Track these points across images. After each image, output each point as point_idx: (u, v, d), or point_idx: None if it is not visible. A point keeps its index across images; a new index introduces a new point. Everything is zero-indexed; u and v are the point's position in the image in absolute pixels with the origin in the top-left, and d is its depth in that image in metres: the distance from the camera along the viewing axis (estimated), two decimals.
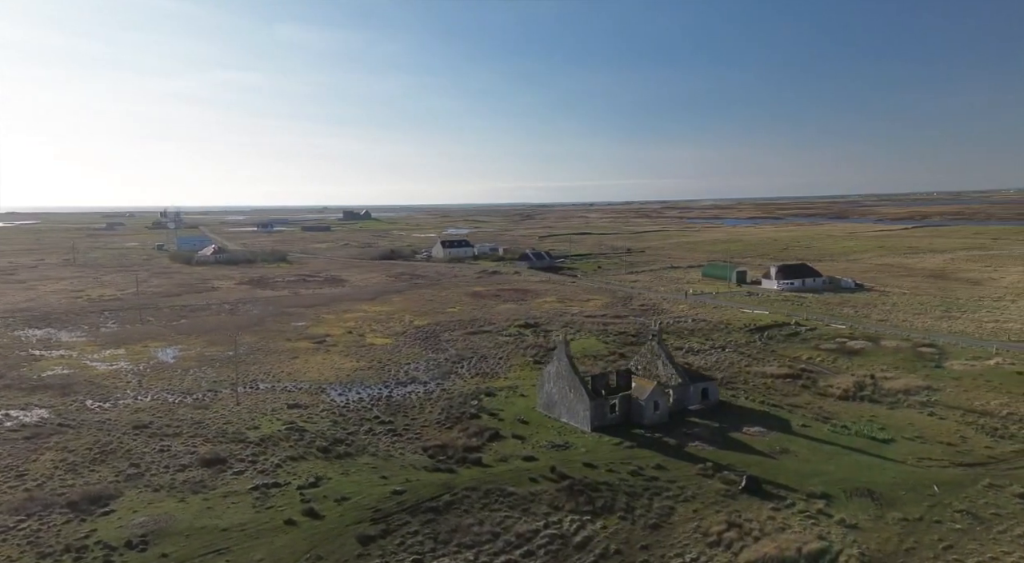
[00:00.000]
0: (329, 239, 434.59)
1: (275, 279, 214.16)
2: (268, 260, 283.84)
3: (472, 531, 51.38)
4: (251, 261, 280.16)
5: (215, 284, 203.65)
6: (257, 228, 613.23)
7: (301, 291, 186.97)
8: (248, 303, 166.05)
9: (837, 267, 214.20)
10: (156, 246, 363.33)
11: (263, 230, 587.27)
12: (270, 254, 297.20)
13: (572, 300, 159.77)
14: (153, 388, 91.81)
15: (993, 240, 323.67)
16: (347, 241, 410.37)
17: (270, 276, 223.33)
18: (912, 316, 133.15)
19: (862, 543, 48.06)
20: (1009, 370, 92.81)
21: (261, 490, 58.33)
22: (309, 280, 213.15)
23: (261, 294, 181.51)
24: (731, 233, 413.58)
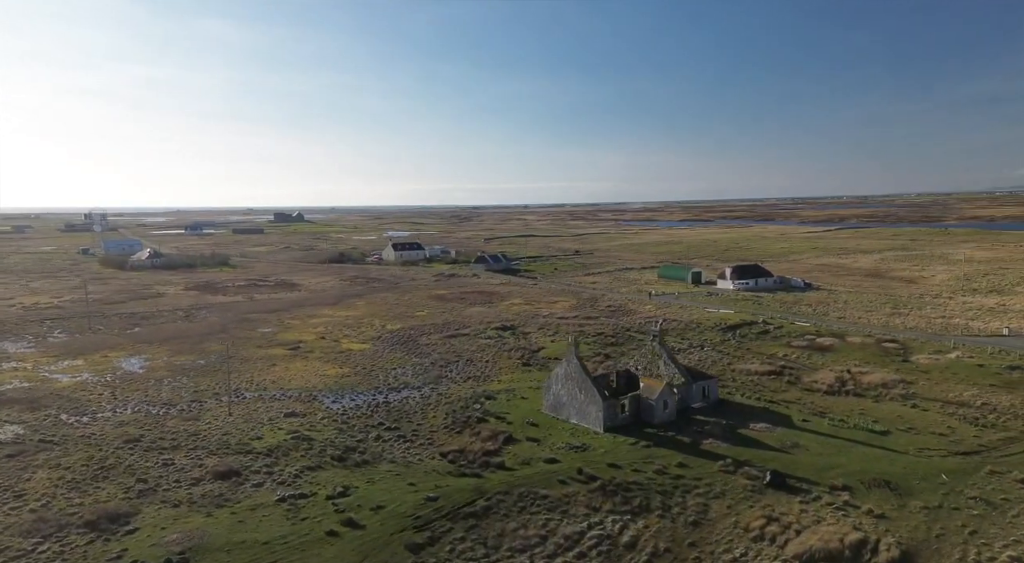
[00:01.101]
0: (266, 242, 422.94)
1: (223, 284, 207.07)
2: (209, 264, 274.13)
3: (519, 535, 51.36)
4: (191, 265, 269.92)
5: (159, 290, 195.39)
6: (185, 230, 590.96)
7: (256, 296, 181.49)
8: (203, 309, 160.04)
9: (780, 267, 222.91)
10: (81, 250, 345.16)
11: (192, 232, 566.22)
12: (210, 258, 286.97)
13: (539, 302, 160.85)
14: (130, 400, 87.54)
15: (911, 241, 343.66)
16: (286, 244, 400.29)
17: (216, 281, 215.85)
18: (865, 313, 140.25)
19: (894, 532, 50.54)
20: (970, 363, 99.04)
21: (289, 501, 56.67)
22: (260, 285, 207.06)
23: (213, 300, 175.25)
24: (670, 235, 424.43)
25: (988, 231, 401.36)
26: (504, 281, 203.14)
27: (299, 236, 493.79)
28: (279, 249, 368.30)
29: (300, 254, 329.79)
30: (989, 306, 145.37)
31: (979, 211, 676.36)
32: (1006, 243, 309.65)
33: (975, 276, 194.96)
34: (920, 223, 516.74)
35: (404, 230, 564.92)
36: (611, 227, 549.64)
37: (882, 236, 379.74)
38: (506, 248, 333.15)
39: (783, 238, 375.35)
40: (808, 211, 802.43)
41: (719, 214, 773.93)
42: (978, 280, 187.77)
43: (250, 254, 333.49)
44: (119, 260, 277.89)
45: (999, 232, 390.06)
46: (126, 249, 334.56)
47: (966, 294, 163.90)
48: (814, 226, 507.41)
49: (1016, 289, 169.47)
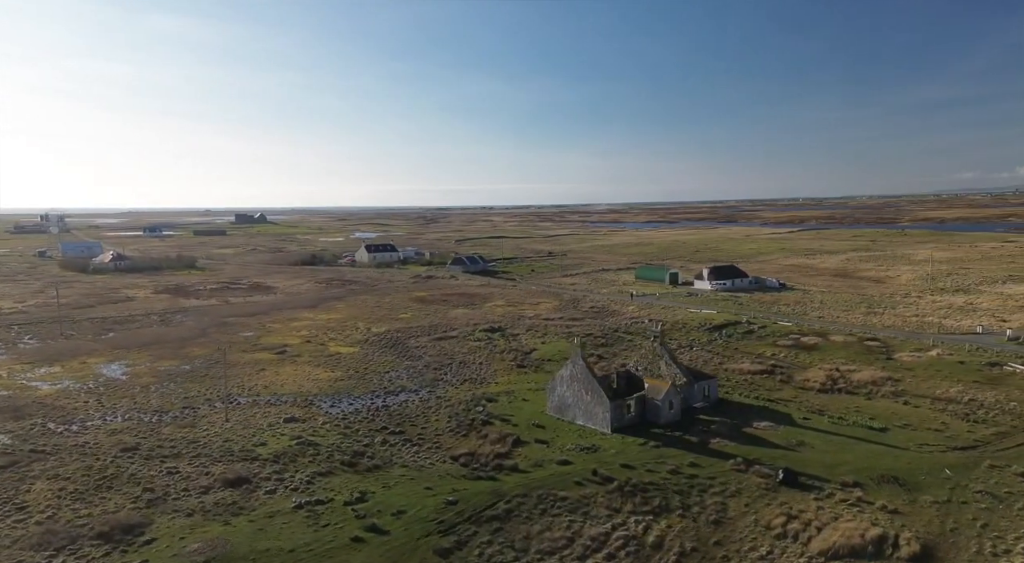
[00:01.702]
0: (231, 244, 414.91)
1: (194, 287, 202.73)
2: (175, 267, 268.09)
3: (545, 537, 51.38)
4: (157, 268, 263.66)
5: (128, 294, 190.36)
6: (143, 232, 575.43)
7: (231, 300, 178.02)
8: (177, 313, 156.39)
9: (752, 268, 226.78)
10: (37, 252, 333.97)
11: (152, 234, 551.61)
12: (176, 260, 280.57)
13: (522, 304, 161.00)
14: (119, 408, 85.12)
15: (872, 242, 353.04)
16: (252, 246, 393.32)
17: (187, 284, 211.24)
18: (842, 313, 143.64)
19: (910, 527, 51.83)
20: (950, 360, 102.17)
21: (307, 508, 55.76)
22: (233, 288, 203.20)
23: (187, 304, 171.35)
24: (640, 237, 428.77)
25: (942, 232, 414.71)
26: (483, 283, 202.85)
27: (264, 238, 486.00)
28: (246, 251, 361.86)
29: (269, 256, 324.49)
30: (958, 305, 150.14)
31: (930, 213, 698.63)
32: (961, 244, 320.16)
33: (939, 276, 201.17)
34: (876, 224, 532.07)
35: (371, 231, 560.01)
36: (580, 229, 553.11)
37: (843, 237, 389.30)
38: (478, 249, 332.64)
39: (749, 239, 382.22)
40: (768, 213, 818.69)
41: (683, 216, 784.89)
42: (942, 280, 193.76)
43: (216, 256, 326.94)
44: (81, 263, 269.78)
45: (952, 233, 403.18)
46: (85, 251, 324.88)
47: (934, 293, 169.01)
48: (776, 227, 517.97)
49: (980, 288, 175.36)
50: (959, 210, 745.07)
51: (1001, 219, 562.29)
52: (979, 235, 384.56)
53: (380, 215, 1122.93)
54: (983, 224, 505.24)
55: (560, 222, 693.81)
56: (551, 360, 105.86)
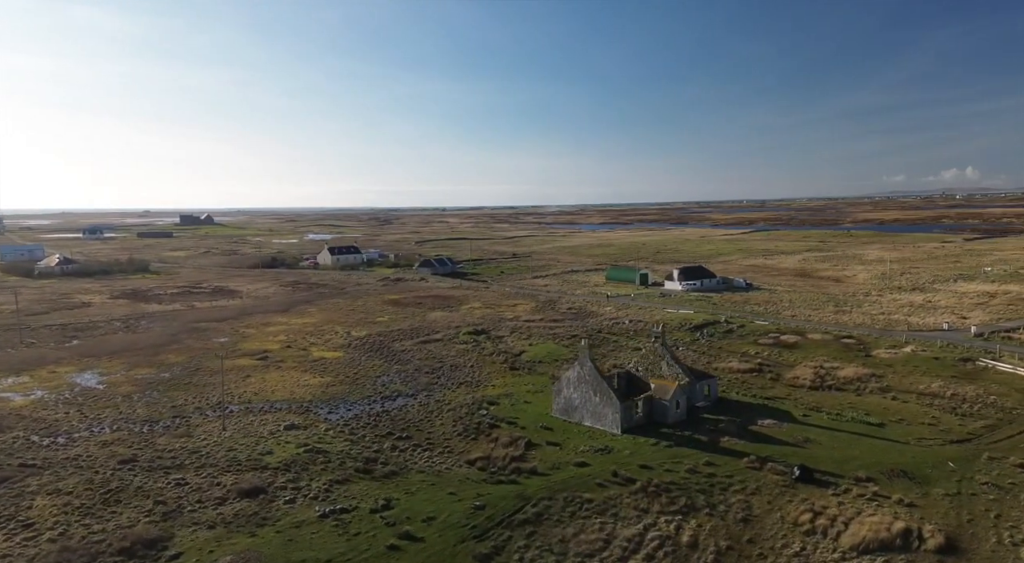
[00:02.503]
0: (181, 246, 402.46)
1: (154, 292, 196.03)
2: (127, 270, 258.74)
3: (581, 540, 51.39)
4: (107, 272, 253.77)
5: (83, 299, 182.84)
6: (84, 234, 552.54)
7: (196, 304, 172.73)
8: (142, 319, 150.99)
9: (715, 269, 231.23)
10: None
11: (92, 236, 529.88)
12: (128, 264, 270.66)
13: (499, 305, 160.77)
14: (104, 418, 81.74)
15: (821, 242, 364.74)
16: (205, 248, 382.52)
17: (144, 288, 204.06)
18: (813, 311, 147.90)
19: (929, 519, 53.64)
20: (925, 356, 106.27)
21: (333, 517, 54.58)
22: (195, 292, 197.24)
23: (149, 309, 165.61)
24: (599, 238, 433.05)
25: (884, 233, 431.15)
26: (455, 285, 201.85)
27: (215, 240, 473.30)
28: (199, 254, 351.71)
29: (225, 259, 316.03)
30: (918, 303, 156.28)
31: (868, 215, 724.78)
32: (905, 244, 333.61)
33: (893, 275, 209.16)
34: (821, 226, 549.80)
35: (325, 233, 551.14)
36: (537, 230, 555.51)
37: (793, 238, 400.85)
38: (440, 251, 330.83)
39: (705, 241, 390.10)
40: (717, 215, 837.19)
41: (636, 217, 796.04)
42: (897, 279, 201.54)
43: (169, 259, 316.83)
44: (24, 267, 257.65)
45: (893, 234, 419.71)
46: (27, 255, 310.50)
47: (892, 292, 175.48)
48: (728, 229, 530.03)
49: (935, 286, 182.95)
50: (894, 212, 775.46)
51: (935, 221, 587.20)
52: (919, 236, 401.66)
53: (329, 216, 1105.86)
54: (919, 225, 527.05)
55: (516, 223, 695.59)
56: (542, 362, 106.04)
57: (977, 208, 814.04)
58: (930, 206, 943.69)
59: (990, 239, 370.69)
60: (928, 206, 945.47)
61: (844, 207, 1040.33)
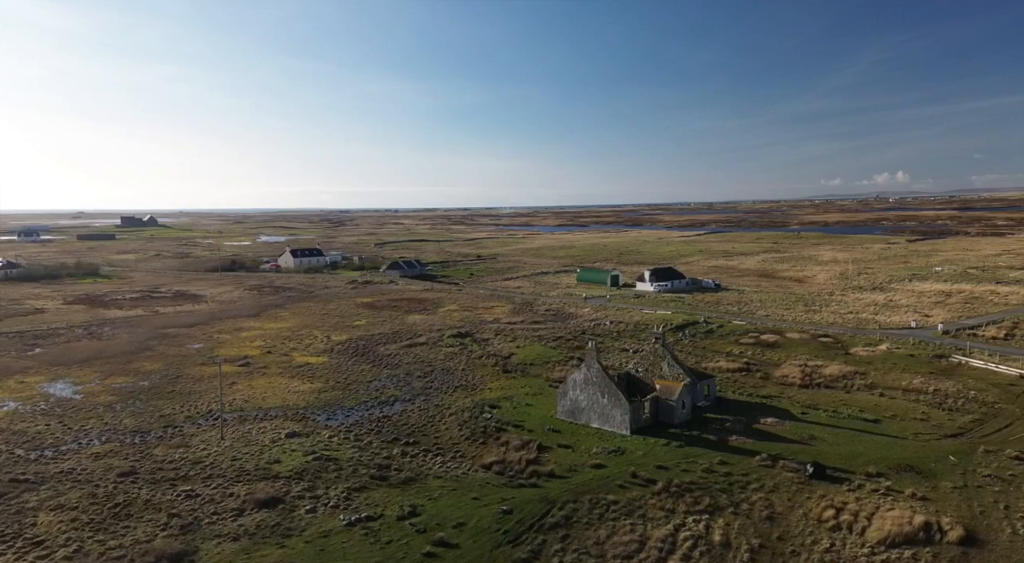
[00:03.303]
0: (127, 249, 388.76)
1: (110, 297, 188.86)
2: (76, 275, 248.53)
3: (615, 542, 51.46)
4: (55, 276, 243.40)
5: (35, 305, 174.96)
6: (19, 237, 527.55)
7: (159, 310, 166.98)
8: (104, 326, 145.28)
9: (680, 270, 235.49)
10: None
11: (28, 239, 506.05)
12: (76, 268, 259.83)
13: (476, 308, 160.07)
14: (91, 429, 78.38)
15: (774, 244, 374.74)
16: (155, 251, 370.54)
17: (99, 293, 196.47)
18: (783, 311, 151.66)
19: (944, 512, 55.39)
20: (900, 354, 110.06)
21: (361, 525, 53.54)
22: (155, 297, 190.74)
23: (110, 315, 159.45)
24: (560, 240, 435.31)
25: (832, 235, 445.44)
26: (426, 287, 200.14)
27: (162, 242, 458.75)
28: (148, 256, 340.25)
29: (178, 262, 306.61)
30: (882, 302, 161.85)
31: (812, 217, 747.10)
32: (854, 245, 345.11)
33: (851, 275, 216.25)
34: (769, 228, 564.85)
35: (278, 235, 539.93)
36: (496, 232, 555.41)
37: (746, 240, 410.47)
38: (401, 253, 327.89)
39: (664, 242, 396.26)
40: (668, 217, 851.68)
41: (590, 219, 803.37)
42: (855, 278, 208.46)
43: (117, 262, 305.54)
44: None
45: (840, 236, 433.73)
46: None
47: (854, 291, 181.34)
48: (681, 231, 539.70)
49: (893, 286, 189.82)
50: (836, 215, 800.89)
51: (875, 223, 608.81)
52: (864, 237, 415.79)
53: (278, 218, 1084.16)
54: (861, 227, 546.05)
55: (473, 225, 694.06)
56: (533, 364, 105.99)
57: (911, 211, 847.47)
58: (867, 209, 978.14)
59: (930, 240, 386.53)
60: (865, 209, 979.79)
61: (788, 209, 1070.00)
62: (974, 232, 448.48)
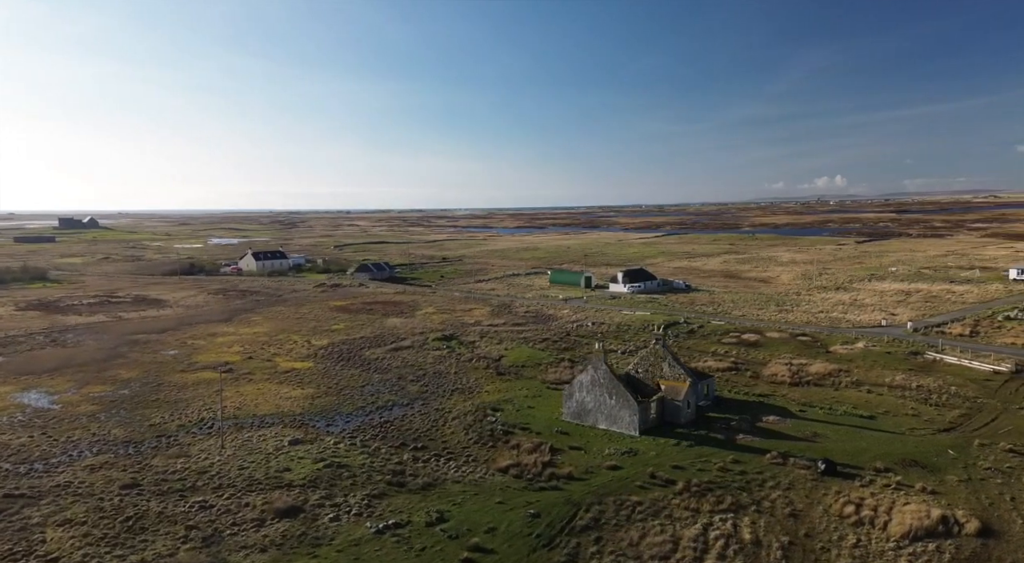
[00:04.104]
0: (72, 252, 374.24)
1: (66, 302, 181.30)
2: (22, 279, 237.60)
3: (650, 543, 51.64)
4: (1, 281, 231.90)
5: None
6: None
7: (122, 315, 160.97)
8: (67, 332, 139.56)
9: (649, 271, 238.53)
10: None
11: None
12: (22, 272, 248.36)
13: (454, 310, 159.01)
14: (78, 441, 75.08)
15: (731, 245, 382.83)
16: (104, 254, 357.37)
17: (53, 299, 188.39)
18: (757, 310, 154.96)
19: (955, 505, 57.19)
20: (877, 351, 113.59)
21: (390, 533, 52.62)
22: (114, 302, 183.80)
23: (70, 321, 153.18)
24: (523, 241, 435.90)
25: (785, 237, 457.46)
26: (398, 290, 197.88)
27: (107, 245, 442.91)
28: (96, 260, 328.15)
29: (130, 266, 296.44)
30: (848, 301, 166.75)
31: (761, 219, 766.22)
32: (808, 247, 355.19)
33: (813, 275, 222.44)
34: (722, 230, 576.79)
35: (230, 238, 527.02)
36: (455, 233, 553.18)
37: (704, 242, 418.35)
38: (362, 255, 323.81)
39: (625, 244, 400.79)
40: (624, 219, 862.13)
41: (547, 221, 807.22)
42: (817, 278, 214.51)
43: (64, 266, 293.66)
44: None
45: (793, 237, 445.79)
46: None
47: (820, 291, 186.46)
48: (639, 233, 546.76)
49: (854, 286, 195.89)
50: (784, 217, 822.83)
51: (822, 225, 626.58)
52: (815, 239, 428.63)
53: (225, 219, 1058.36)
54: (809, 229, 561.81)
55: (430, 226, 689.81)
56: (525, 366, 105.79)
57: (852, 213, 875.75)
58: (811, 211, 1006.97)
59: (876, 242, 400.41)
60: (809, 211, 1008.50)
61: (737, 212, 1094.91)
62: (915, 234, 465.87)
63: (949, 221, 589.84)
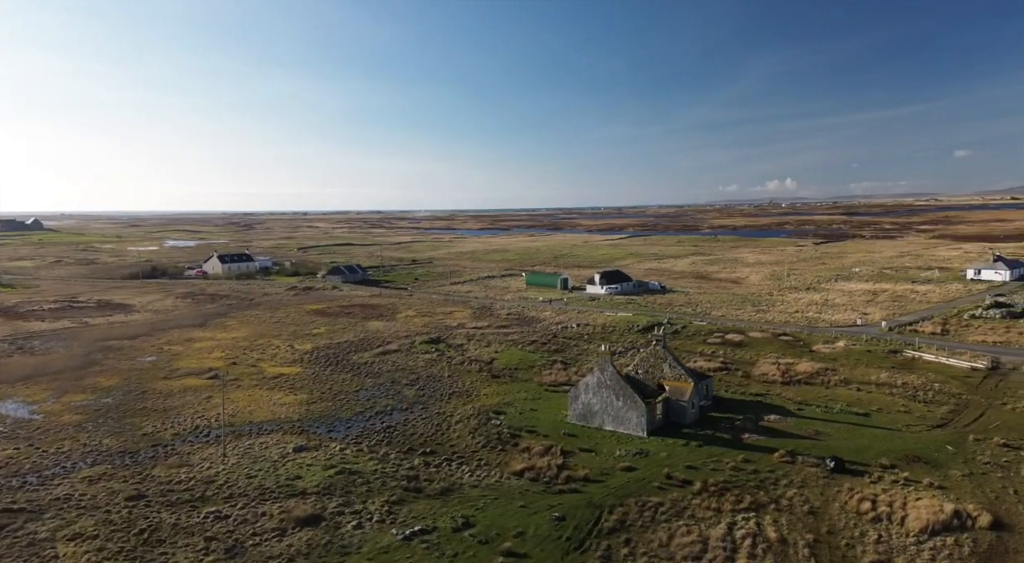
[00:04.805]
0: (19, 255, 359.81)
1: (25, 308, 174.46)
2: None
3: (680, 543, 51.91)
4: None
5: None
6: None
7: (88, 321, 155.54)
8: (32, 339, 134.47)
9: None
10: None
11: None
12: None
13: (434, 313, 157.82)
14: (70, 453, 72.34)
15: (696, 246, 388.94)
16: (54, 257, 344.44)
17: (10, 304, 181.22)
18: (734, 311, 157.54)
19: (964, 499, 58.77)
20: (858, 350, 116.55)
21: (418, 539, 51.85)
22: (77, 307, 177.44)
23: (32, 327, 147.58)
24: (490, 243, 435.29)
25: (744, 238, 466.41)
26: (373, 293, 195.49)
27: (56, 248, 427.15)
28: (48, 263, 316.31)
29: (86, 269, 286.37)
30: (820, 301, 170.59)
31: (720, 221, 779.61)
32: (770, 248, 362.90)
33: (782, 276, 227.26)
34: (684, 231, 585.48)
35: (187, 240, 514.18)
36: (420, 235, 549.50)
37: (669, 243, 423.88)
38: (329, 257, 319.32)
39: (592, 246, 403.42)
40: (586, 221, 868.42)
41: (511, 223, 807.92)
42: (786, 279, 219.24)
43: (14, 270, 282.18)
44: None
45: (754, 239, 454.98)
46: None
47: (790, 292, 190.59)
48: (603, 234, 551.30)
49: (823, 286, 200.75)
50: (741, 219, 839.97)
51: (779, 227, 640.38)
52: (775, 240, 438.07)
53: (178, 220, 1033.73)
54: (767, 231, 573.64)
55: (392, 228, 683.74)
56: (519, 369, 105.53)
57: (805, 215, 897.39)
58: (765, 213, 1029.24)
59: (833, 243, 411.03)
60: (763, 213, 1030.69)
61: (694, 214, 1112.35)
62: (868, 235, 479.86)
63: (897, 223, 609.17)
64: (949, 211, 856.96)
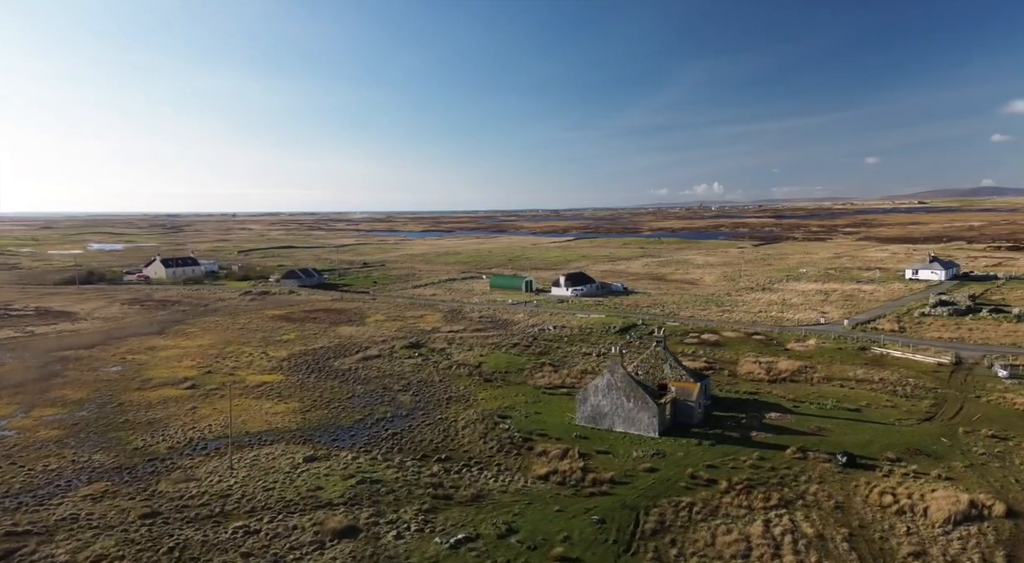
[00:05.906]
0: None
1: None
2: None
3: (724, 543, 52.57)
4: None
5: None
6: None
7: (33, 330, 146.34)
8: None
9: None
10: None
11: None
12: None
13: (404, 317, 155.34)
14: (60, 470, 68.20)
15: (642, 248, 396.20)
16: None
17: None
18: (700, 311, 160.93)
19: (973, 490, 61.43)
20: (829, 348, 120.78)
21: (465, 547, 51.05)
22: (14, 316, 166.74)
23: None
24: (439, 246, 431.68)
25: (686, 240, 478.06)
26: (334, 297, 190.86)
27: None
28: None
29: (10, 274, 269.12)
30: (778, 301, 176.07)
31: (658, 223, 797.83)
32: (713, 250, 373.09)
33: (734, 277, 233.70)
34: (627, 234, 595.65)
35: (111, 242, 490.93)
36: (363, 238, 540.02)
37: (615, 245, 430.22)
38: (273, 261, 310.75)
39: (541, 248, 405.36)
40: (528, 223, 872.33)
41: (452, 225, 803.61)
42: (740, 280, 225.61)
43: None
44: None
45: (696, 241, 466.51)
46: None
47: (747, 292, 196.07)
48: (547, 236, 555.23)
49: (775, 286, 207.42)
50: (677, 221, 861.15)
51: (715, 229, 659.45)
52: (716, 242, 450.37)
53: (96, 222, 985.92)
54: (705, 233, 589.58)
55: (330, 230, 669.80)
56: (509, 372, 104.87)
57: (736, 218, 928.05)
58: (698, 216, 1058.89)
59: (770, 245, 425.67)
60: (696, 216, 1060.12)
61: (631, 216, 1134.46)
62: (800, 237, 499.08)
63: (824, 226, 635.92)
64: (867, 214, 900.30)
